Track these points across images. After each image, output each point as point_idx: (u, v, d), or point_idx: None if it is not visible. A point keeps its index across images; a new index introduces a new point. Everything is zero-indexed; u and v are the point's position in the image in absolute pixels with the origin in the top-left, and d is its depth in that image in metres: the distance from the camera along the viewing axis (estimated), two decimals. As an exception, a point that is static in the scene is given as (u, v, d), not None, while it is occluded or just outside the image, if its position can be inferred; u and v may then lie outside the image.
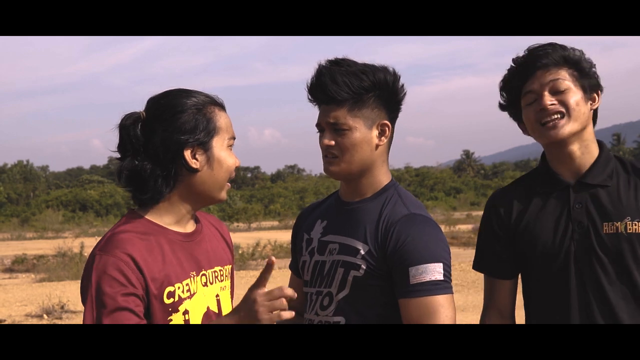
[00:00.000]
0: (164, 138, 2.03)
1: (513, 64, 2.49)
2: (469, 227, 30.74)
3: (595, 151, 2.42)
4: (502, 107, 2.53)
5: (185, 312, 2.09)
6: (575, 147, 2.39)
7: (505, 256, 2.53)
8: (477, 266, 2.63)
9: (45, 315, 11.81)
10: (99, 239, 2.12)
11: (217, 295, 2.21)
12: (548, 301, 2.46)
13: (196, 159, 2.05)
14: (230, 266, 2.31)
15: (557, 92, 2.36)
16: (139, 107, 2.14)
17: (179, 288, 2.08)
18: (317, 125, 2.32)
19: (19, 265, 22.85)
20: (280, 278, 16.64)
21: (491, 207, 2.56)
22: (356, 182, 2.32)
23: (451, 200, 63.14)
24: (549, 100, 2.35)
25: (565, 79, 2.37)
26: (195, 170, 2.06)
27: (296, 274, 2.54)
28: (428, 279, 2.12)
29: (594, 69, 2.45)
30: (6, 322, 11.38)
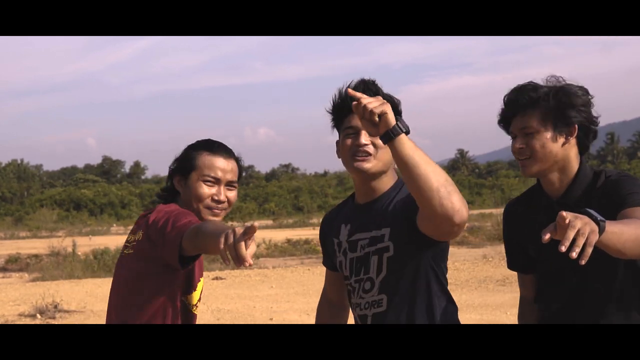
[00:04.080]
0: (170, 169, 2.95)
1: (503, 103, 2.80)
2: (463, 226, 30.58)
3: (573, 172, 2.72)
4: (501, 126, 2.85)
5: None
6: (553, 177, 2.74)
7: (522, 256, 2.91)
8: (509, 266, 3.03)
9: (38, 315, 11.78)
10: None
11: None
12: (541, 303, 2.89)
13: (180, 184, 2.88)
14: None
15: (526, 136, 2.70)
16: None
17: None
18: (350, 127, 2.67)
19: (13, 264, 22.79)
20: (275, 277, 16.65)
21: (504, 217, 2.98)
22: (373, 183, 2.68)
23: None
24: (518, 144, 2.72)
25: (533, 125, 2.68)
26: (178, 192, 2.88)
27: (330, 269, 2.99)
28: None
29: (573, 106, 2.68)
30: (-1, 322, 11.35)
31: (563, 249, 2.03)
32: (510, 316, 10.43)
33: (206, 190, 2.81)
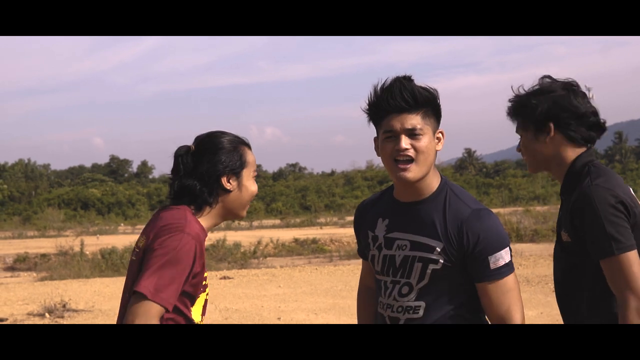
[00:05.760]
0: (208, 167, 2.72)
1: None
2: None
3: (568, 165, 2.88)
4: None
5: (207, 294, 2.77)
6: (554, 172, 2.93)
7: None
8: None
9: (47, 314, 11.81)
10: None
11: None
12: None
13: (230, 183, 2.74)
14: None
15: (520, 139, 2.94)
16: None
17: (207, 276, 2.77)
18: (389, 131, 2.61)
19: (21, 263, 22.88)
20: (282, 277, 16.65)
21: None
22: (416, 185, 2.63)
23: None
24: (518, 147, 2.95)
25: (519, 131, 2.94)
26: (229, 191, 2.74)
27: (365, 259, 2.91)
28: (502, 263, 2.56)
29: (537, 106, 2.86)
30: (8, 321, 11.39)
31: None
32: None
33: (256, 185, 2.83)
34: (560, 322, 3.01)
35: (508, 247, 2.59)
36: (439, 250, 2.58)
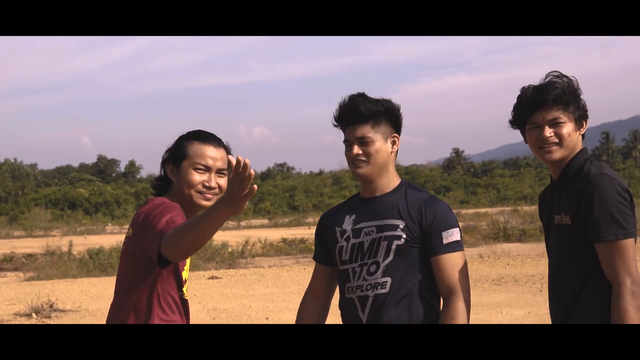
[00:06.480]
0: (162, 159, 3.05)
1: (520, 99, 3.04)
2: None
3: (571, 158, 2.98)
4: (511, 124, 3.12)
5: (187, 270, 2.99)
6: (561, 162, 3.00)
7: None
8: None
9: (34, 314, 11.76)
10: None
11: None
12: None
13: (171, 173, 3.01)
14: None
15: (554, 126, 2.95)
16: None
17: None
18: (346, 140, 3.06)
19: (7, 263, 22.77)
20: (270, 277, 16.65)
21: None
22: (375, 183, 3.04)
23: (441, 199, 63.08)
24: (548, 132, 2.95)
25: (562, 117, 2.95)
26: (170, 179, 3.01)
27: (321, 262, 3.24)
28: (453, 239, 2.95)
29: (583, 101, 3.00)
30: (-6, 321, 11.33)
31: None
32: (505, 315, 10.44)
33: (197, 177, 2.96)
34: (548, 321, 3.01)
35: (458, 228, 3.00)
36: (401, 227, 2.95)
